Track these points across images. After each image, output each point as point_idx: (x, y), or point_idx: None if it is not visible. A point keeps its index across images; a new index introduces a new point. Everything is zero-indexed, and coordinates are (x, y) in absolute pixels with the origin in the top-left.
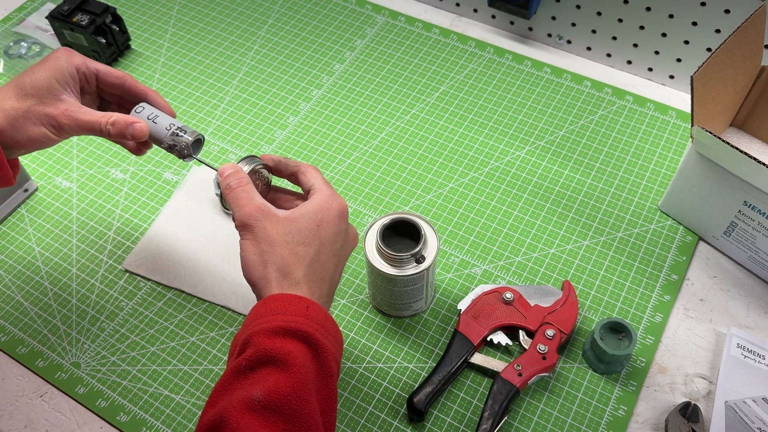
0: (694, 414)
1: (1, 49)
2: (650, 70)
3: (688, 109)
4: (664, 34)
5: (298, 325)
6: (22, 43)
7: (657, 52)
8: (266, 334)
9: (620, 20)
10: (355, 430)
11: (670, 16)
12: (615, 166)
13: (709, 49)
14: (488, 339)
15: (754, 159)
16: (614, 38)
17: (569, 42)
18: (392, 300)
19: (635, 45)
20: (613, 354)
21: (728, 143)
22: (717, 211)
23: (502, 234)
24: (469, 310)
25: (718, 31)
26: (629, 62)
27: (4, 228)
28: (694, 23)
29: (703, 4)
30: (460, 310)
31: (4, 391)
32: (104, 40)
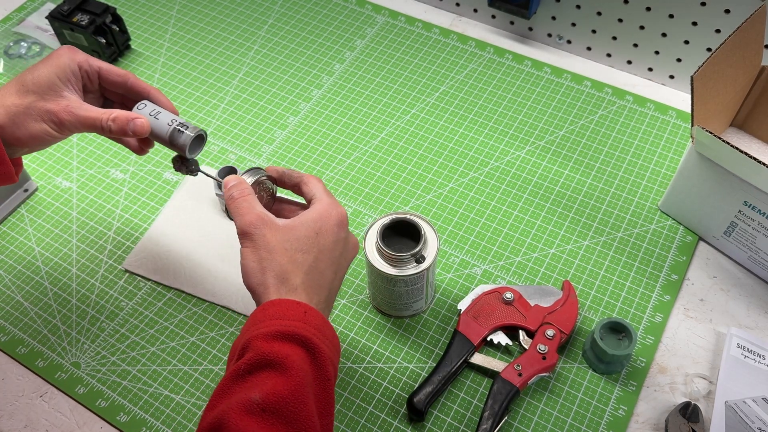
0: (694, 414)
1: (1, 49)
2: (650, 70)
3: (688, 109)
4: (664, 34)
5: (296, 330)
6: (22, 43)
7: (657, 52)
8: (264, 339)
9: (620, 20)
10: (355, 430)
11: (670, 16)
12: (615, 166)
13: (709, 49)
14: (488, 339)
15: (754, 159)
16: (614, 38)
17: (569, 42)
18: (392, 300)
19: (635, 45)
20: (613, 354)
21: (728, 143)
22: (717, 211)
23: (502, 234)
24: (469, 310)
25: (718, 31)
26: (629, 62)
27: (4, 228)
28: (694, 23)
29: (703, 4)
30: (460, 310)
31: (4, 391)
32: (104, 40)
